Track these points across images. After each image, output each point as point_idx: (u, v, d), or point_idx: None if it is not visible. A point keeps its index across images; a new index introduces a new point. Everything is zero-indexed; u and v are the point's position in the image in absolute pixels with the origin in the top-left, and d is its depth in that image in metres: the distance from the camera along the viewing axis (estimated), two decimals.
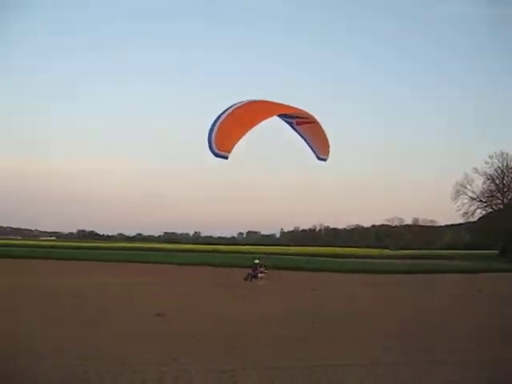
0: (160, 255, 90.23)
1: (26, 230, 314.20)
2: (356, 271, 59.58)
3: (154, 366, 13.17)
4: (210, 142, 13.12)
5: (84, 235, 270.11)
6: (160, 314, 22.12)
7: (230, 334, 18.27)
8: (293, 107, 15.51)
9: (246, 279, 40.63)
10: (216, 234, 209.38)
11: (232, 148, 13.34)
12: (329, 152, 16.57)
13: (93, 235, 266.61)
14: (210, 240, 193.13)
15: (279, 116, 15.70)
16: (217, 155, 13.09)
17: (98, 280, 40.83)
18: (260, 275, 41.11)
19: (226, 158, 13.24)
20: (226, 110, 13.86)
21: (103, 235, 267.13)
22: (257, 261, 42.93)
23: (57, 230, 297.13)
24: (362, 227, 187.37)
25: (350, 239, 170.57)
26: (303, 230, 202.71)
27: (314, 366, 13.57)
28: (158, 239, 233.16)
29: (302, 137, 16.42)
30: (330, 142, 16.48)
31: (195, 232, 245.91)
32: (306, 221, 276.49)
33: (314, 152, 16.47)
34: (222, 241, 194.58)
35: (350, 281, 47.63)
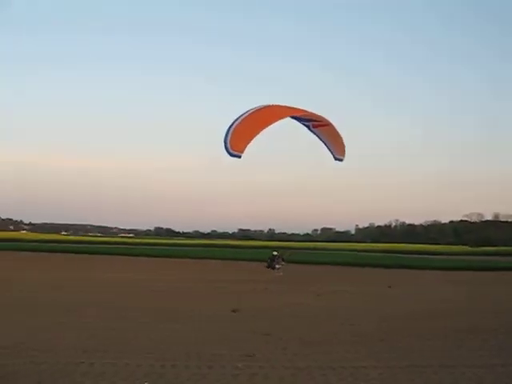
0: (234, 252, 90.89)
1: (105, 227, 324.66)
2: (434, 268, 58.13)
3: (230, 362, 13.13)
4: (225, 143, 14.32)
5: (161, 232, 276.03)
6: (235, 310, 22.18)
7: (306, 330, 18.05)
8: (305, 110, 16.41)
9: (268, 267, 42.56)
10: (290, 230, 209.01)
11: (244, 148, 14.51)
12: (344, 153, 17.39)
13: (169, 232, 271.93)
14: (283, 237, 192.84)
15: (297, 119, 16.72)
16: (231, 155, 14.32)
17: (173, 278, 41.48)
18: (277, 266, 42.28)
19: (239, 157, 14.44)
20: (242, 115, 15.06)
21: (179, 232, 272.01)
22: (275, 253, 44.02)
23: (135, 228, 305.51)
24: (440, 223, 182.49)
25: (427, 235, 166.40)
26: (378, 226, 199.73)
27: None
28: (233, 236, 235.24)
29: (320, 138, 17.29)
30: (344, 143, 17.35)
31: (269, 229, 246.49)
32: (382, 217, 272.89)
33: (332, 153, 17.38)
34: (296, 237, 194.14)
35: (428, 278, 46.47)
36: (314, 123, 17.02)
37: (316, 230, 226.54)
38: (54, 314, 20.52)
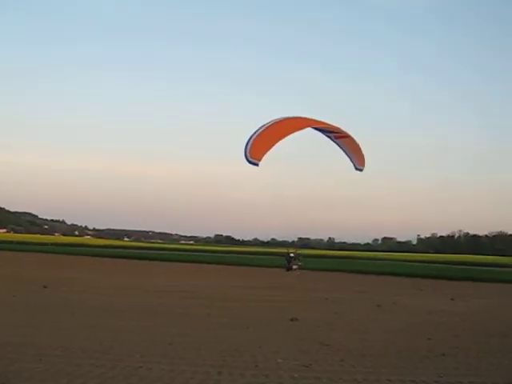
0: None
1: (166, 233, 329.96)
2: (502, 281, 56.27)
3: (287, 371, 12.96)
4: (245, 152, 15.52)
5: (220, 240, 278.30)
6: (294, 319, 21.98)
7: (365, 343, 17.68)
8: (325, 123, 17.43)
9: (287, 270, 42.34)
10: (350, 239, 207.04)
11: (262, 157, 15.67)
12: (364, 163, 18.25)
13: (229, 240, 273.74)
14: (344, 246, 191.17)
15: (319, 131, 17.74)
16: (250, 162, 15.52)
17: (232, 284, 41.61)
18: (294, 267, 42.08)
19: (257, 165, 15.61)
20: (264, 125, 16.25)
21: (239, 240, 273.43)
22: (292, 254, 43.59)
23: (195, 235, 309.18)
24: (506, 234, 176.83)
25: (492, 247, 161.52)
26: (441, 237, 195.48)
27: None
28: (293, 245, 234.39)
29: (342, 149, 18.25)
30: (364, 154, 18.28)
31: (329, 238, 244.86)
32: (444, 227, 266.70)
33: (353, 163, 18.29)
34: (356, 247, 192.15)
35: (494, 291, 44.98)
36: (335, 135, 17.92)
37: (377, 240, 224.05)
38: (127, 318, 20.89)
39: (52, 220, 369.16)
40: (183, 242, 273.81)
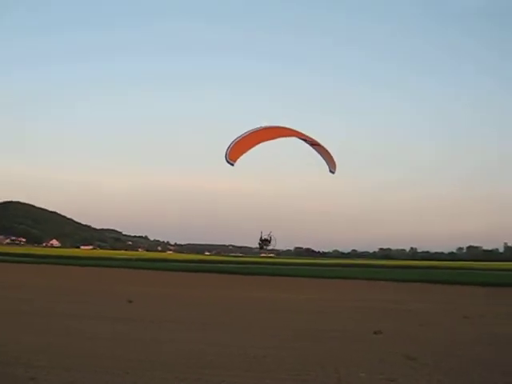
0: (375, 271, 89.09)
1: (246, 247, 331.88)
2: None
3: None
4: (225, 153, 17.94)
5: (301, 252, 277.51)
6: (377, 331, 21.49)
7: (450, 356, 17.00)
8: (300, 132, 20.11)
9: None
10: (433, 249, 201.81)
11: (237, 159, 18.18)
12: (335, 167, 21.03)
13: (309, 252, 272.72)
14: (426, 256, 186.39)
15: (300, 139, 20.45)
16: (227, 162, 17.85)
17: (313, 297, 41.27)
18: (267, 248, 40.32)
19: (232, 164, 18.01)
20: (247, 132, 18.77)
21: (319, 252, 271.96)
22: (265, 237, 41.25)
23: (276, 248, 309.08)
24: None
25: None
26: None
27: None
28: (373, 255, 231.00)
29: (319, 154, 20.95)
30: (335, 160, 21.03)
31: (411, 248, 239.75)
32: None
33: (328, 166, 21.11)
34: (440, 256, 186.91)
35: None
36: (311, 142, 20.63)
37: (461, 249, 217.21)
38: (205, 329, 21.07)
39: (135, 236, 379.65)
40: (263, 255, 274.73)
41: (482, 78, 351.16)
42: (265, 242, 27.38)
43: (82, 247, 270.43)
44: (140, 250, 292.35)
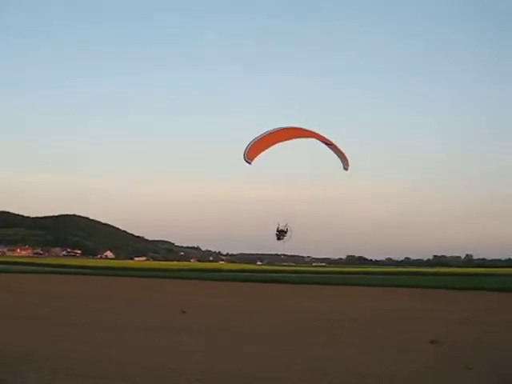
0: (429, 279, 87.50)
1: (298, 256, 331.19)
2: None
3: None
4: (244, 153, 19.25)
5: (353, 260, 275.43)
6: (434, 341, 21.05)
7: (507, 368, 16.48)
8: (315, 133, 21.53)
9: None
10: (490, 256, 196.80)
11: (254, 158, 19.50)
12: (348, 164, 22.68)
13: (361, 260, 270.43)
14: (483, 263, 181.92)
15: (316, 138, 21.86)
16: (245, 161, 19.10)
17: (364, 305, 40.76)
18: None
19: (250, 163, 19.29)
20: (265, 132, 20.27)
21: (371, 260, 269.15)
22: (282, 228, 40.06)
23: (327, 257, 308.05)
24: None
25: None
26: None
27: None
28: (427, 263, 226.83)
29: (334, 153, 22.45)
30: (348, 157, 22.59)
31: (466, 254, 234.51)
32: None
33: (342, 164, 22.72)
34: (497, 263, 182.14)
35: None
36: (325, 142, 22.09)
37: None
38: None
39: (187, 247, 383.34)
40: (315, 264, 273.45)
41: None
42: (281, 232, 28.42)
43: (136, 258, 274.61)
44: (192, 260, 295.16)
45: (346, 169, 23.57)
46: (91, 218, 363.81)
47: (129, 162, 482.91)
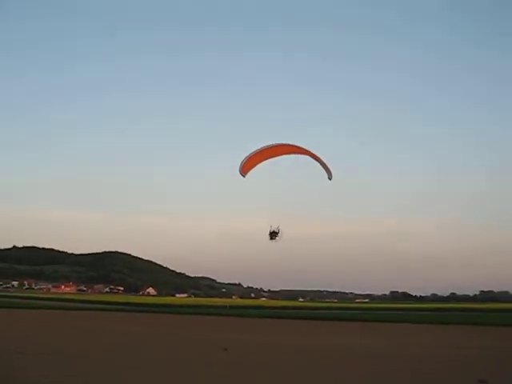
0: (476, 316, 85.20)
1: (341, 292, 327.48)
2: None
3: None
4: (240, 167, 24.47)
5: (397, 296, 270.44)
6: (482, 380, 20.39)
7: None
8: (301, 148, 25.79)
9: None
10: None
11: (248, 171, 24.80)
12: (331, 174, 26.78)
13: (406, 296, 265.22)
14: None
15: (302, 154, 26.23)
16: (240, 174, 24.18)
17: (412, 342, 39.87)
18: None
19: (244, 176, 24.48)
20: (258, 149, 25.09)
21: (416, 296, 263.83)
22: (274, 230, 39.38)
23: (370, 293, 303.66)
24: None
25: None
26: None
27: None
28: (474, 298, 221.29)
29: (320, 164, 26.48)
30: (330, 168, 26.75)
31: None
32: None
33: (327, 174, 26.79)
34: None
35: None
36: (311, 156, 26.08)
37: None
38: None
39: (229, 283, 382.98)
40: (358, 300, 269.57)
41: None
42: (273, 233, 31.14)
43: (177, 295, 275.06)
44: (234, 297, 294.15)
45: (329, 178, 27.60)
46: (133, 254, 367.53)
47: (170, 200, 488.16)
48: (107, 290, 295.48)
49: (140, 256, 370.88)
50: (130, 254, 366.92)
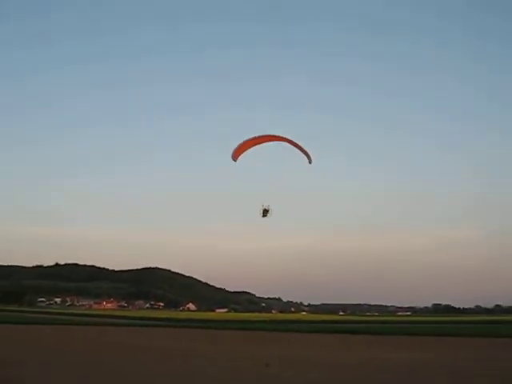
0: None
1: (382, 306, 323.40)
2: None
3: None
4: (232, 153, 30.36)
5: (439, 309, 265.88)
6: None
7: None
8: (283, 137, 31.46)
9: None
10: None
11: (238, 157, 30.78)
12: (311, 159, 32.35)
13: (448, 308, 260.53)
14: None
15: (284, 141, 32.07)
16: (233, 159, 30.03)
17: (454, 356, 38.84)
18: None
19: (235, 161, 30.47)
20: (248, 138, 30.50)
21: (459, 308, 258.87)
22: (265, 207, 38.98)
23: (412, 305, 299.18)
24: None
25: None
26: None
27: None
28: None
29: (302, 151, 32.03)
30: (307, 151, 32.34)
31: None
32: None
33: (308, 158, 32.12)
34: None
35: None
36: (293, 144, 31.64)
37: None
38: None
39: (269, 298, 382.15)
40: (400, 313, 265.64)
41: None
42: (265, 211, 34.79)
43: (217, 310, 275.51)
44: (274, 311, 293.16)
45: (310, 163, 31.76)
46: (173, 270, 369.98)
47: (207, 218, 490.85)
48: (148, 305, 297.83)
49: (180, 272, 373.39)
50: (169, 270, 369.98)
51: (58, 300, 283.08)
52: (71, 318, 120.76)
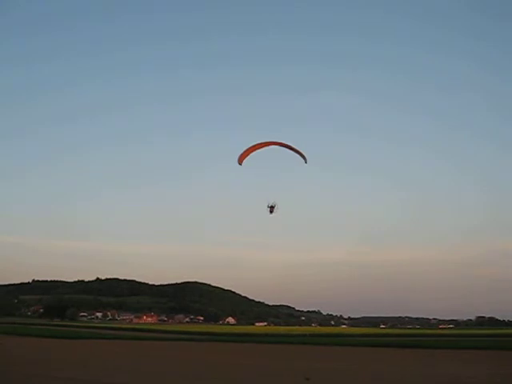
0: None
1: (423, 318, 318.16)
2: None
3: None
4: (238, 158, 34.75)
5: (483, 322, 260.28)
6: None
7: None
8: (282, 143, 35.74)
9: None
10: None
11: (243, 160, 35.07)
12: (305, 158, 36.01)
13: (493, 321, 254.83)
14: None
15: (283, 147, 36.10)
16: (239, 163, 34.43)
17: (502, 372, 38.09)
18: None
19: (240, 164, 34.70)
20: (253, 144, 35.12)
21: (504, 321, 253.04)
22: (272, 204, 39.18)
23: (455, 318, 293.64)
24: None
25: None
26: None
27: None
28: None
29: (299, 154, 35.71)
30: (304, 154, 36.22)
31: None
32: None
33: (304, 159, 35.94)
34: None
35: None
36: (291, 148, 35.48)
37: None
38: None
39: (308, 311, 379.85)
40: (442, 326, 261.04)
41: None
42: (271, 208, 36.06)
43: (257, 324, 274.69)
44: (313, 324, 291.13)
45: (306, 162, 35.48)
46: (212, 284, 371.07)
47: (245, 231, 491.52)
48: (187, 319, 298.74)
49: (219, 285, 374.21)
50: (209, 284, 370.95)
51: (99, 314, 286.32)
52: (112, 332, 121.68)
